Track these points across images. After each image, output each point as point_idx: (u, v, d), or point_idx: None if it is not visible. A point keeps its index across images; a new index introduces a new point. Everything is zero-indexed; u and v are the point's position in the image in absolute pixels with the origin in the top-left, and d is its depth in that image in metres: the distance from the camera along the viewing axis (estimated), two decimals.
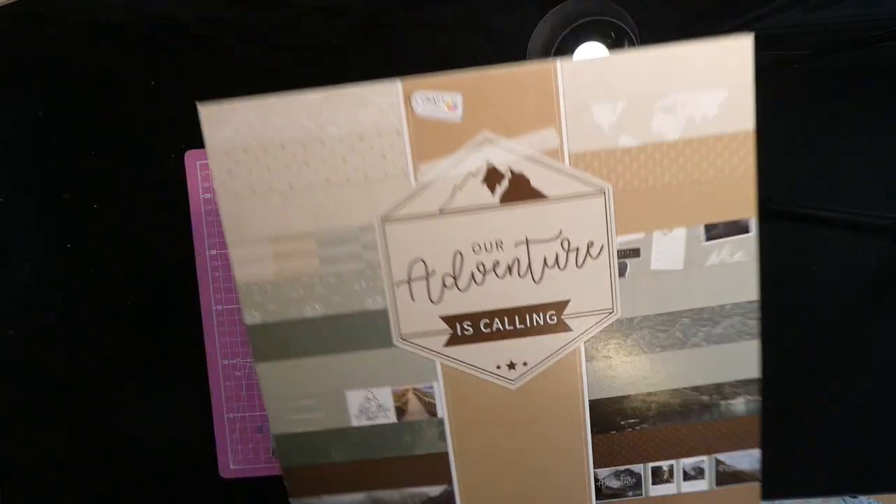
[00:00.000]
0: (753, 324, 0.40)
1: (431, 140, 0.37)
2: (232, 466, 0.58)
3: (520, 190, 0.38)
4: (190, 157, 0.57)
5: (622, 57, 0.35)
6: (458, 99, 0.37)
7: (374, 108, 0.36)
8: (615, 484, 0.43)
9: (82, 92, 0.56)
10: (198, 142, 0.60)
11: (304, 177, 0.37)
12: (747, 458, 0.43)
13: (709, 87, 0.36)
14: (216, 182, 0.37)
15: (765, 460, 0.59)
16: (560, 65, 0.35)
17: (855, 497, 0.88)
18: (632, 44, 0.55)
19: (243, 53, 0.56)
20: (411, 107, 0.37)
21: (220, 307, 0.57)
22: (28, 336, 0.58)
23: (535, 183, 0.38)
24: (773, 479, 0.61)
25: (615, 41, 0.57)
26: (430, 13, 0.57)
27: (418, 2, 0.57)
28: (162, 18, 0.56)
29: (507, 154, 0.37)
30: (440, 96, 0.37)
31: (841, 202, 0.59)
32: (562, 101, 0.36)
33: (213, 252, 0.57)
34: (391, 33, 0.57)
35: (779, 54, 0.58)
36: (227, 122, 0.36)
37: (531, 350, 0.40)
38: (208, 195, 0.57)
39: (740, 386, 0.41)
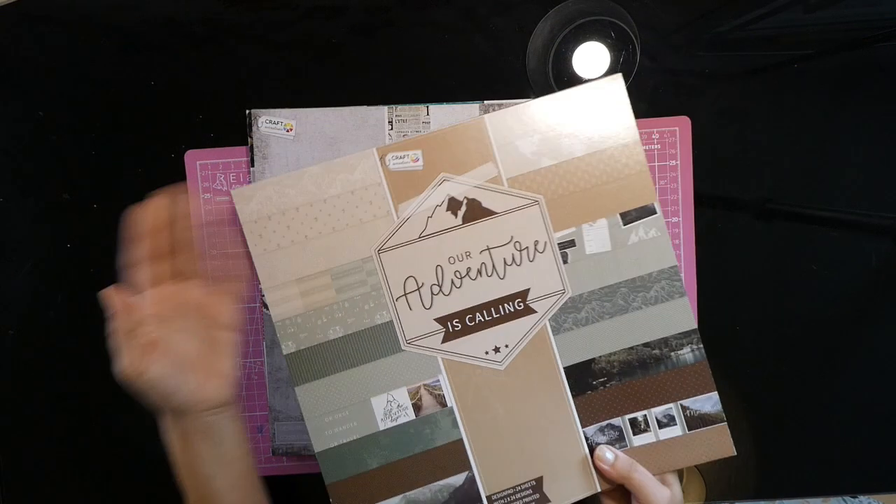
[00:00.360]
0: (679, 284, 0.51)
1: (404, 186, 0.50)
2: None
3: (475, 211, 0.50)
4: (190, 157, 0.57)
5: (531, 104, 0.50)
6: (419, 154, 0.50)
7: (360, 169, 0.50)
8: (602, 439, 0.52)
9: (82, 92, 0.57)
10: (198, 142, 0.60)
11: (315, 228, 0.50)
12: (709, 402, 0.52)
13: (598, 113, 0.50)
14: (250, 244, 0.49)
15: (765, 460, 0.59)
16: (487, 118, 0.50)
17: (855, 497, 0.88)
18: (632, 44, 0.55)
19: (243, 54, 0.56)
20: (386, 165, 0.50)
21: None
22: (28, 336, 0.58)
23: (485, 204, 0.50)
24: (773, 478, 0.61)
25: (615, 41, 0.57)
26: (430, 13, 0.57)
27: (418, 2, 0.57)
28: (162, 19, 0.56)
29: (461, 187, 0.50)
30: (406, 154, 0.50)
31: (841, 202, 0.59)
32: (493, 142, 0.50)
33: (213, 252, 0.57)
34: (391, 33, 0.57)
35: (779, 54, 0.58)
36: (253, 198, 0.49)
37: (509, 333, 0.51)
38: (208, 195, 0.57)
39: (683, 337, 0.51)
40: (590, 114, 0.50)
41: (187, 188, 0.57)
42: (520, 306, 0.50)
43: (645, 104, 0.58)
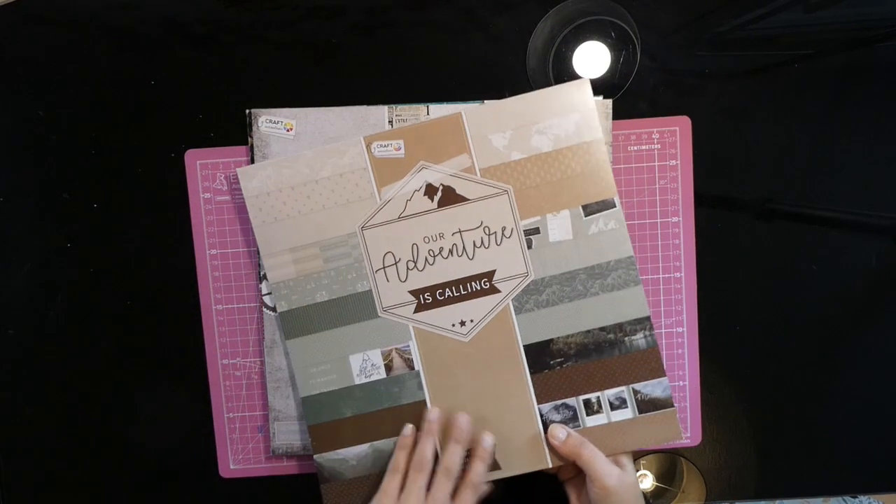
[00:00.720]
0: (635, 273, 0.56)
1: (387, 171, 0.56)
2: (232, 466, 0.58)
3: (450, 197, 0.56)
4: (190, 156, 0.57)
5: (505, 102, 0.56)
6: (401, 143, 0.56)
7: (348, 155, 0.56)
8: (556, 417, 0.56)
9: (82, 92, 0.56)
10: (198, 142, 0.60)
11: (308, 205, 0.56)
12: (659, 387, 0.56)
13: (566, 113, 0.55)
14: (252, 216, 0.57)
15: (765, 460, 0.59)
16: (464, 113, 0.56)
17: (855, 497, 0.88)
18: (632, 43, 0.55)
19: (243, 54, 0.56)
20: (371, 152, 0.56)
21: (220, 307, 0.58)
22: (28, 336, 0.58)
23: (459, 191, 0.56)
24: (773, 478, 0.61)
25: (615, 41, 0.57)
26: (430, 13, 0.57)
27: (418, 2, 0.57)
28: (162, 18, 0.56)
29: (437, 174, 0.56)
30: (389, 143, 0.55)
31: (841, 202, 0.59)
32: (468, 135, 0.56)
33: (213, 252, 0.57)
34: (391, 33, 0.57)
35: (779, 54, 0.58)
36: (255, 176, 0.57)
37: (475, 310, 0.56)
38: (208, 195, 0.57)
39: (636, 324, 0.56)
40: (558, 113, 0.56)
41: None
42: (486, 285, 0.56)
43: (645, 104, 0.59)
